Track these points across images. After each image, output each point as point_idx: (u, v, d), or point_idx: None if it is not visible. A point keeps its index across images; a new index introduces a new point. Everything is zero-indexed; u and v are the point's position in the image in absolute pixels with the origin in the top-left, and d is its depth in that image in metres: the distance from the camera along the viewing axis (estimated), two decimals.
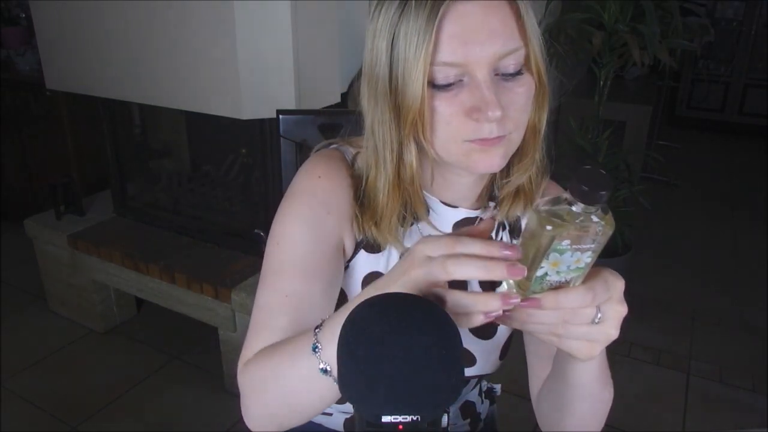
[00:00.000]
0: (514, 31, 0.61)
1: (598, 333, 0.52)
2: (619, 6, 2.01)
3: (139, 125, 2.35)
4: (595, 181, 0.45)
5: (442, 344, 0.45)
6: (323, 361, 0.55)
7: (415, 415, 0.43)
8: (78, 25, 1.95)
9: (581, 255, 0.48)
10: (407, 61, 0.61)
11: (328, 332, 0.56)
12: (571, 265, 0.49)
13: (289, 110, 1.21)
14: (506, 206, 0.75)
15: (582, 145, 2.21)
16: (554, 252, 0.47)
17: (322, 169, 0.74)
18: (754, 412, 1.98)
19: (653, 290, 2.67)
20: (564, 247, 0.47)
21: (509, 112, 0.63)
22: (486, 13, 0.60)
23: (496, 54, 0.61)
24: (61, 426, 1.90)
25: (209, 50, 1.70)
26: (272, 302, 0.70)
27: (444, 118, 0.63)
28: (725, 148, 4.77)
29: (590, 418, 0.70)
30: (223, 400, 1.97)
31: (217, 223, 2.17)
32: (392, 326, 0.45)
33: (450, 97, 0.62)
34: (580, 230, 0.46)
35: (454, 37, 0.60)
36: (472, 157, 0.65)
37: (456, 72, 0.61)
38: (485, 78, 0.61)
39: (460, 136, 0.64)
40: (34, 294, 2.60)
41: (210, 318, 1.99)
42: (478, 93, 0.61)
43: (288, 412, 0.63)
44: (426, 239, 0.52)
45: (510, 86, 0.63)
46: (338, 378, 0.46)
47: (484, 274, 0.49)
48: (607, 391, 0.68)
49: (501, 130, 0.63)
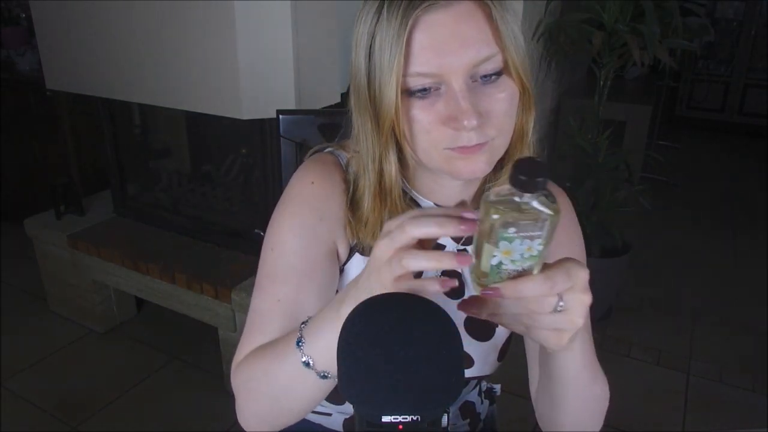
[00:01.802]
0: (488, 37, 0.61)
1: (564, 322, 0.53)
2: (619, 6, 2.01)
3: (139, 125, 2.35)
4: (532, 170, 0.47)
5: (442, 344, 0.45)
6: (306, 355, 0.58)
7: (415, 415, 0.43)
8: (78, 25, 1.95)
9: (531, 243, 0.49)
10: (382, 71, 0.62)
11: (313, 327, 0.58)
12: (523, 253, 0.50)
13: (289, 110, 1.21)
14: None
15: (582, 145, 2.21)
16: (503, 240, 0.49)
17: (314, 175, 0.74)
18: (754, 412, 1.98)
19: (653, 290, 2.67)
20: (511, 235, 0.48)
21: (490, 118, 0.63)
22: (457, 22, 0.60)
23: (470, 62, 0.61)
24: (61, 426, 1.90)
25: (209, 50, 1.70)
26: (265, 307, 0.71)
27: (423, 127, 0.64)
28: (725, 148, 4.77)
29: (585, 415, 0.70)
30: (223, 400, 1.97)
31: (217, 223, 2.17)
32: (392, 326, 0.45)
33: (427, 106, 0.63)
34: (524, 218, 0.48)
35: (426, 48, 0.61)
36: (454, 164, 0.65)
37: (431, 81, 0.62)
38: (461, 87, 0.61)
39: (439, 144, 0.64)
40: (34, 294, 2.60)
41: (210, 318, 1.99)
42: (454, 102, 0.61)
43: (277, 410, 0.65)
44: (381, 235, 0.53)
45: (490, 92, 0.63)
46: (338, 378, 0.46)
47: (439, 261, 0.50)
48: (597, 386, 0.68)
49: (481, 138, 0.63)
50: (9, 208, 3.15)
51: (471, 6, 0.61)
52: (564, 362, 0.62)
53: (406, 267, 0.50)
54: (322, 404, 0.86)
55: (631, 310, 2.52)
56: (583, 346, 0.62)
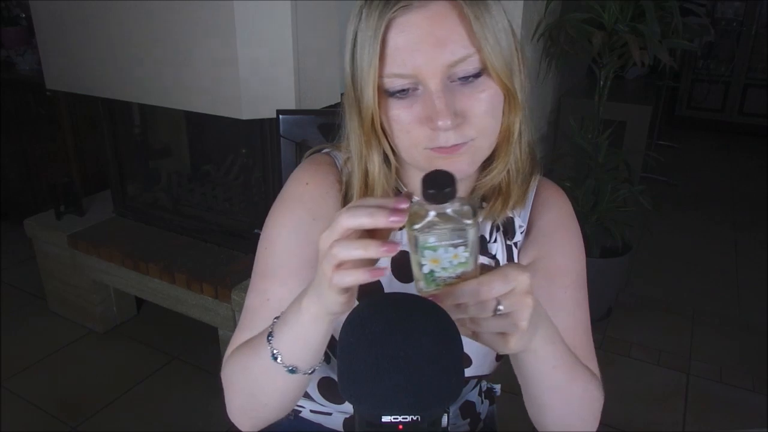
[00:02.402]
0: (462, 38, 0.61)
1: (506, 325, 0.54)
2: (619, 6, 2.01)
3: (139, 125, 2.35)
4: (440, 182, 0.49)
5: (443, 344, 0.45)
6: (274, 348, 0.60)
7: (415, 415, 0.43)
8: (78, 25, 1.95)
9: (455, 250, 0.50)
10: (362, 71, 0.64)
11: (281, 321, 0.61)
12: (452, 260, 0.51)
13: (289, 110, 1.21)
14: (486, 209, 0.75)
15: (582, 145, 2.21)
16: (427, 249, 0.50)
17: (309, 175, 0.76)
18: (754, 412, 1.98)
19: (653, 290, 2.67)
20: (433, 244, 0.50)
21: (468, 119, 0.63)
22: (431, 23, 0.60)
23: (444, 63, 0.61)
24: (61, 426, 1.90)
25: (209, 50, 1.70)
26: (256, 305, 0.73)
27: (403, 127, 0.65)
28: (725, 148, 4.77)
29: (569, 416, 0.69)
30: (223, 400, 1.97)
31: (217, 223, 2.17)
32: (392, 326, 0.45)
33: (406, 106, 0.64)
34: (441, 227, 0.50)
35: (401, 49, 0.61)
36: (435, 163, 0.65)
37: (408, 82, 0.62)
38: (437, 87, 0.61)
39: (419, 144, 0.65)
40: (34, 294, 2.60)
41: (210, 318, 1.99)
42: (430, 103, 0.62)
43: (255, 404, 0.68)
44: (327, 227, 0.53)
45: (469, 92, 0.63)
46: (338, 378, 0.46)
47: (366, 250, 0.50)
48: (577, 385, 0.68)
49: (459, 138, 0.63)
50: (9, 208, 3.15)
51: (446, 7, 0.61)
52: (528, 363, 0.62)
53: (336, 256, 0.50)
54: (321, 404, 0.86)
55: (631, 310, 2.52)
56: (551, 347, 0.62)
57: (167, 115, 2.24)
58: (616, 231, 2.25)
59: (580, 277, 0.79)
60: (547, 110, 2.49)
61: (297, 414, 0.92)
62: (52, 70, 2.14)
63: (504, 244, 0.79)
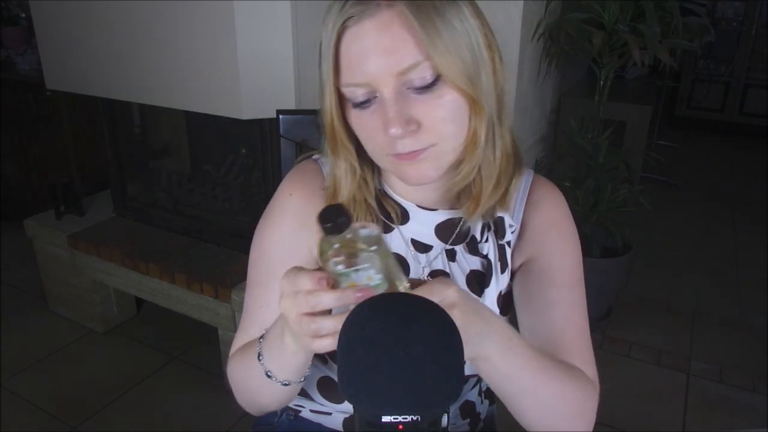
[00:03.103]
0: (410, 45, 0.61)
1: None
2: (619, 6, 2.01)
3: (139, 125, 2.35)
4: (333, 215, 0.53)
5: (443, 344, 0.45)
6: (266, 368, 0.65)
7: (415, 415, 0.43)
8: (78, 25, 1.95)
9: (366, 273, 0.54)
10: (322, 81, 0.67)
11: (266, 347, 0.65)
12: (368, 283, 0.55)
13: (289, 110, 1.21)
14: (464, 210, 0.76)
15: (582, 145, 2.21)
16: (341, 276, 0.54)
17: (294, 185, 0.79)
18: (754, 412, 1.98)
19: (653, 290, 2.67)
20: (343, 270, 0.54)
21: (424, 125, 0.64)
22: (379, 32, 0.61)
23: (394, 71, 0.61)
24: (61, 426, 1.90)
25: (209, 50, 1.70)
26: (251, 310, 0.79)
27: (367, 135, 0.67)
28: (725, 148, 4.77)
29: (549, 417, 0.68)
30: (223, 400, 1.97)
31: (217, 223, 2.17)
32: (392, 326, 0.45)
33: (368, 114, 0.65)
34: (343, 255, 0.54)
35: (353, 59, 0.63)
36: (400, 169, 0.68)
37: (365, 91, 0.64)
38: (390, 95, 0.62)
39: (382, 150, 0.67)
40: (34, 294, 2.60)
41: (210, 318, 1.99)
42: (384, 111, 0.63)
43: (254, 402, 0.75)
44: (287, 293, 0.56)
45: (425, 99, 0.63)
46: (338, 378, 0.46)
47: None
48: (550, 387, 0.66)
49: (416, 144, 0.64)
50: (9, 208, 3.15)
51: (394, 15, 0.61)
52: (485, 371, 0.62)
53: (314, 307, 0.54)
54: (321, 403, 0.87)
55: (631, 310, 2.52)
56: (508, 354, 0.61)
57: (167, 115, 2.24)
58: (616, 231, 2.25)
59: (573, 276, 0.78)
60: (547, 110, 2.49)
61: (297, 414, 0.92)
62: (52, 70, 2.14)
63: (496, 244, 0.79)
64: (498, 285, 0.80)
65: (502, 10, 1.82)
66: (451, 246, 0.79)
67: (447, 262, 0.80)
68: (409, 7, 0.60)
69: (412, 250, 0.79)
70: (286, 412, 0.93)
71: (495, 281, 0.79)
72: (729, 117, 4.97)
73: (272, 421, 0.95)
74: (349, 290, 0.54)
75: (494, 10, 1.79)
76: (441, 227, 0.78)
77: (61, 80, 2.13)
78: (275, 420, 0.94)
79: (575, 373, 0.71)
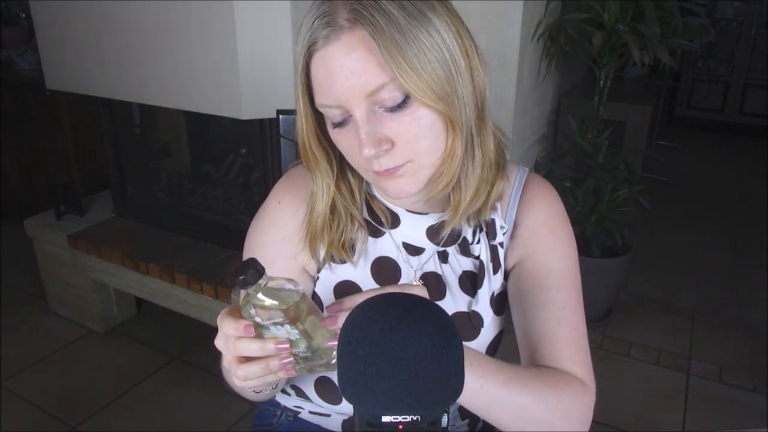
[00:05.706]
0: (374, 67, 0.61)
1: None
2: (619, 6, 2.01)
3: (139, 125, 2.35)
4: (245, 270, 0.55)
5: (443, 344, 0.45)
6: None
7: (415, 415, 0.43)
8: (78, 25, 1.95)
9: (283, 328, 0.56)
10: (296, 102, 0.69)
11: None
12: (289, 336, 0.57)
13: (289, 110, 1.21)
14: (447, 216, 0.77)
15: (582, 145, 2.21)
16: (262, 329, 0.56)
17: (282, 193, 0.81)
18: (754, 412, 1.98)
19: (653, 290, 2.67)
20: (261, 322, 0.56)
21: (399, 143, 0.65)
22: (344, 54, 0.61)
23: (362, 93, 0.62)
24: (61, 426, 1.90)
25: (209, 50, 1.70)
26: None
27: (346, 152, 0.69)
28: (725, 148, 4.77)
29: (529, 424, 0.67)
30: (223, 400, 1.97)
31: (217, 223, 2.17)
32: (392, 326, 0.45)
33: (345, 132, 0.66)
34: (259, 309, 0.56)
35: (323, 81, 0.64)
36: (381, 184, 0.69)
37: (338, 112, 0.65)
38: (361, 117, 0.63)
39: (362, 167, 0.69)
40: (34, 294, 2.60)
41: (210, 318, 1.99)
42: (356, 131, 0.64)
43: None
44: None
45: (397, 117, 0.63)
46: (338, 378, 0.46)
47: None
48: (525, 397, 0.66)
49: (391, 162, 0.65)
50: (9, 208, 3.15)
51: (358, 37, 0.61)
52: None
53: (241, 353, 0.58)
54: (319, 405, 0.87)
55: (631, 310, 2.52)
56: (475, 366, 0.62)
57: (167, 115, 2.24)
58: (616, 231, 2.25)
59: (566, 277, 0.78)
60: (547, 110, 2.48)
61: (296, 415, 0.92)
62: (52, 70, 2.14)
63: (488, 245, 0.79)
64: (491, 286, 0.80)
65: (502, 10, 1.82)
66: (443, 248, 0.79)
67: (439, 264, 0.80)
68: (372, 27, 0.60)
69: (403, 253, 0.80)
70: (286, 413, 0.93)
71: (487, 282, 0.79)
72: (729, 117, 4.97)
73: (272, 422, 0.95)
74: (271, 341, 0.56)
75: (494, 10, 1.79)
76: (432, 229, 0.79)
77: (61, 80, 2.13)
78: (275, 421, 0.94)
79: (556, 377, 0.71)
